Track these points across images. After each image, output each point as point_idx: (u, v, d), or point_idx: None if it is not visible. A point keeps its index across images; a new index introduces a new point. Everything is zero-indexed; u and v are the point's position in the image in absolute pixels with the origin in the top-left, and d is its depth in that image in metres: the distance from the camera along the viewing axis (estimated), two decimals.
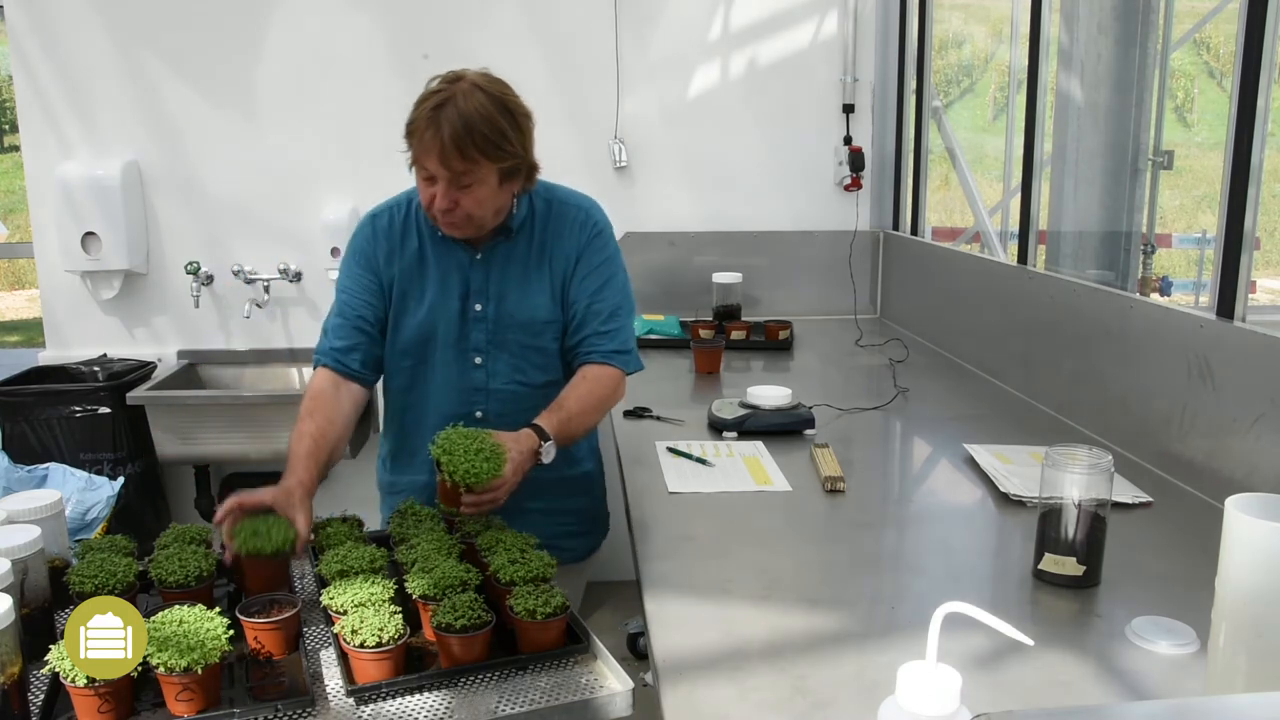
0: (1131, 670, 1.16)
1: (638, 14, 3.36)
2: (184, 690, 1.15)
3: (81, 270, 3.29)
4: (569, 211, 1.86)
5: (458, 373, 1.83)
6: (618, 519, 1.93)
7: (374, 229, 1.86)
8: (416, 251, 1.83)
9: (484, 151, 1.64)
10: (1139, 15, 2.88)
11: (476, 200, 1.69)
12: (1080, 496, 1.32)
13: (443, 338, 1.82)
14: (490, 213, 1.74)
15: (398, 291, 1.83)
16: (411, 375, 1.85)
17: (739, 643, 1.23)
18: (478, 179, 1.67)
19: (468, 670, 1.27)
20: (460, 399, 1.83)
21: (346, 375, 1.79)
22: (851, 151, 3.43)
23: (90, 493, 2.11)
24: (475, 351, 1.82)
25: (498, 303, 1.82)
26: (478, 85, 1.68)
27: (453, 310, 1.82)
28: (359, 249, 1.86)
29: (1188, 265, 8.02)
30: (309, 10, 3.27)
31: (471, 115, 1.63)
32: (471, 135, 1.62)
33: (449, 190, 1.67)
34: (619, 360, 1.84)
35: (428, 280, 1.82)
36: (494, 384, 1.83)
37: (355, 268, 1.85)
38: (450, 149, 1.62)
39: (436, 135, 1.62)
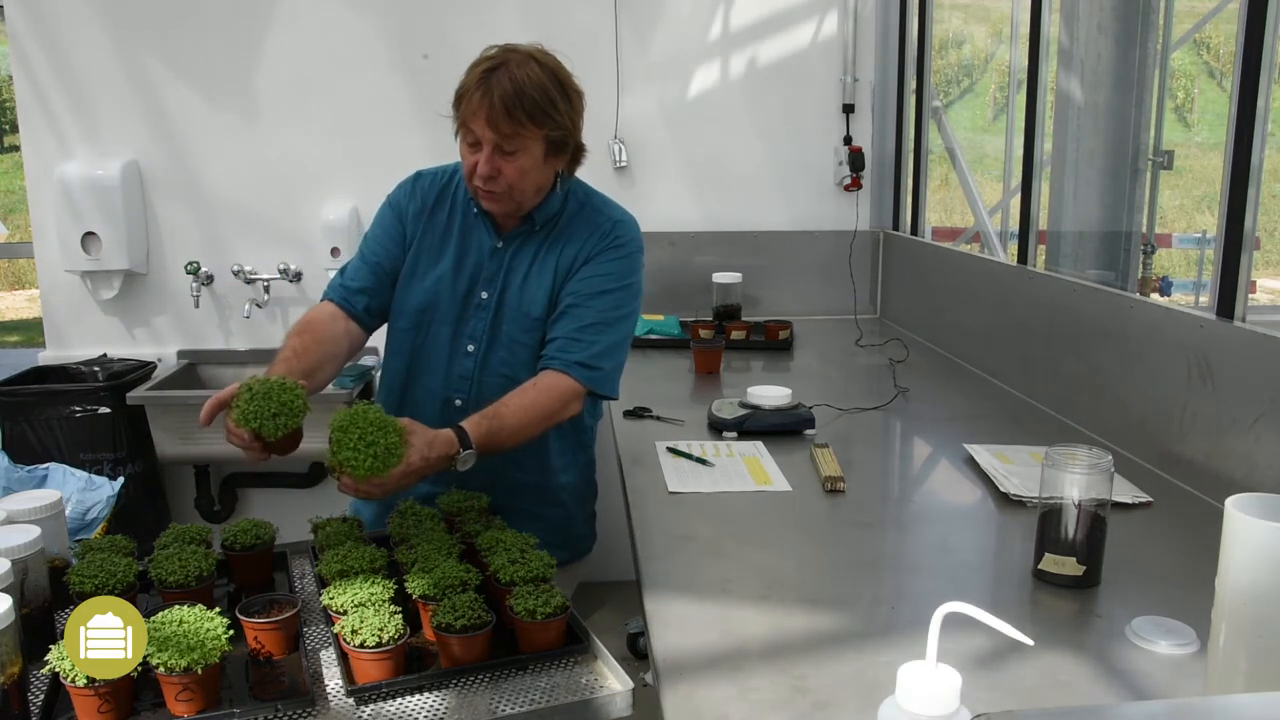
0: (1131, 670, 1.16)
1: (638, 14, 3.36)
2: (184, 690, 1.15)
3: (81, 270, 3.29)
4: (597, 218, 1.83)
5: (448, 356, 1.82)
6: (612, 528, 1.93)
7: (415, 185, 1.88)
8: (445, 221, 1.84)
9: (532, 117, 1.63)
10: (1139, 15, 2.88)
11: (519, 170, 1.68)
12: (1080, 496, 1.32)
13: (442, 314, 1.81)
14: (531, 188, 1.73)
15: (414, 251, 1.83)
16: (404, 340, 1.83)
17: (739, 643, 1.23)
18: (522, 146, 1.66)
19: (468, 670, 1.27)
20: (446, 382, 1.82)
21: (349, 314, 1.80)
22: (851, 151, 3.43)
23: (90, 493, 2.10)
24: (470, 339, 1.81)
25: (503, 294, 1.80)
26: (532, 55, 1.68)
27: (460, 291, 1.81)
28: (395, 199, 1.88)
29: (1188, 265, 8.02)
30: (309, 10, 3.27)
31: (523, 80, 1.63)
32: (521, 99, 1.62)
33: (493, 156, 1.66)
34: (581, 373, 1.73)
35: (446, 253, 1.82)
36: (482, 374, 1.81)
37: (387, 214, 1.87)
38: (499, 110, 1.61)
39: (486, 97, 1.62)
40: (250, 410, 1.44)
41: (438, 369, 1.82)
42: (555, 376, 1.73)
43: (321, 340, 1.73)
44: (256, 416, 1.43)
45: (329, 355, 1.73)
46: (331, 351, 1.74)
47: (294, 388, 1.46)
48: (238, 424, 1.45)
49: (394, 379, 1.88)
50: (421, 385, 1.83)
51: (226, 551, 1.49)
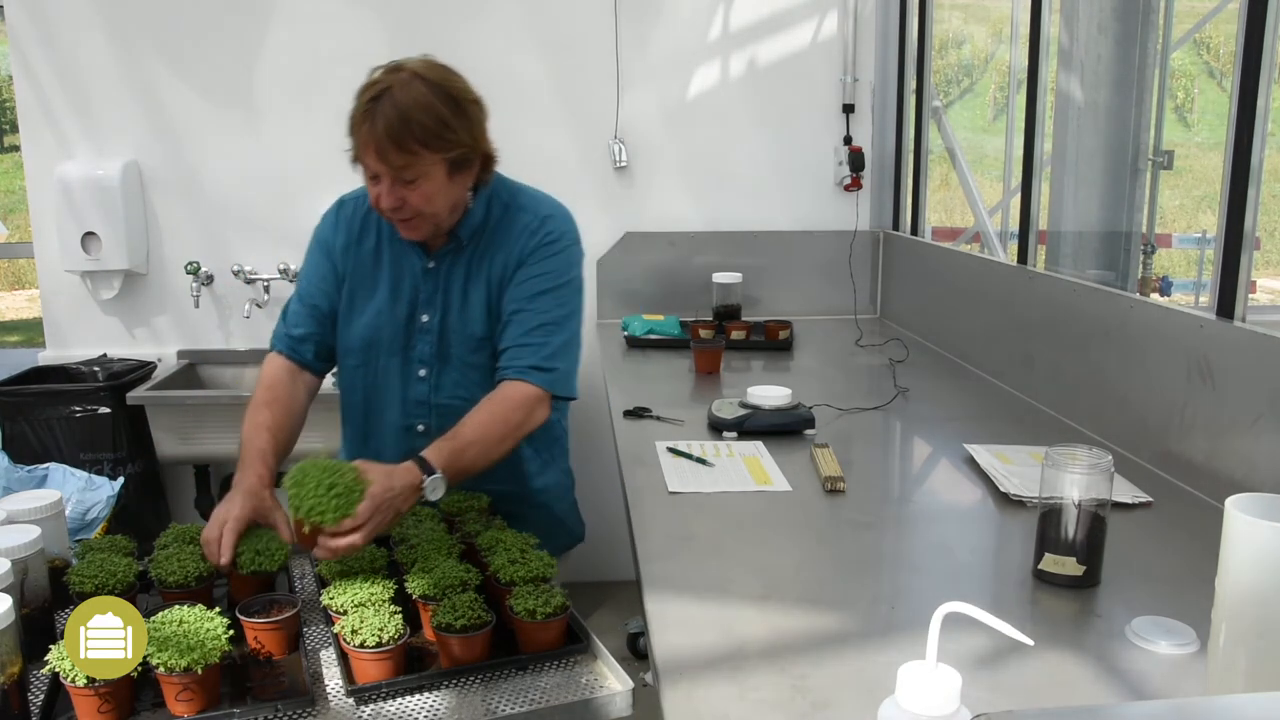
0: (1131, 670, 1.16)
1: (638, 14, 3.35)
2: (184, 690, 1.15)
3: (81, 270, 3.29)
4: (523, 218, 1.75)
5: (402, 383, 1.78)
6: (612, 528, 1.93)
7: (337, 217, 1.83)
8: (373, 250, 1.78)
9: (424, 142, 1.56)
10: (1139, 15, 2.88)
11: (424, 196, 1.61)
12: (1080, 496, 1.32)
13: (388, 344, 1.76)
14: (444, 209, 1.66)
15: (348, 288, 1.78)
16: (355, 377, 1.81)
17: (739, 643, 1.23)
18: (421, 173, 1.58)
19: (468, 670, 1.27)
20: (404, 410, 1.79)
21: (300, 364, 1.77)
22: (851, 151, 3.43)
23: (90, 493, 2.10)
24: (420, 363, 1.77)
25: (444, 315, 1.75)
26: (418, 74, 1.58)
27: (400, 317, 1.76)
28: (321, 235, 1.83)
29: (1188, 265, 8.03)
30: (309, 10, 3.27)
31: (409, 105, 1.54)
32: (409, 126, 1.54)
33: (393, 187, 1.59)
34: (538, 377, 1.68)
35: (379, 282, 1.77)
36: (437, 398, 1.77)
37: (316, 253, 1.82)
38: (387, 142, 1.54)
39: (373, 130, 1.54)
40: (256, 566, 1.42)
41: (394, 399, 1.79)
42: (512, 386, 1.67)
43: (291, 412, 1.71)
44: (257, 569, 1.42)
45: (298, 425, 1.72)
46: (300, 417, 1.74)
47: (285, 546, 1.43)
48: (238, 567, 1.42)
49: (353, 414, 1.85)
50: (381, 418, 1.80)
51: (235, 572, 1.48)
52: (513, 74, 3.34)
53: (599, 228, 3.43)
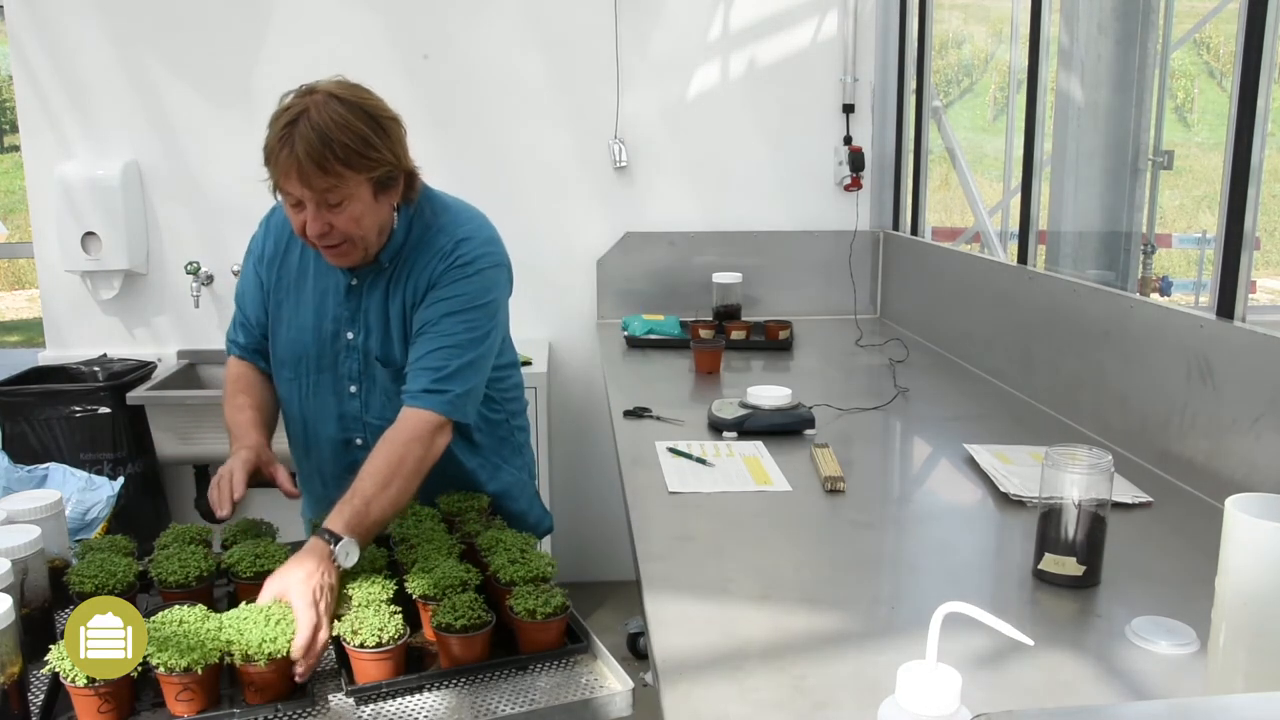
0: (1131, 670, 1.16)
1: (638, 14, 3.35)
2: (184, 690, 1.15)
3: (81, 270, 3.29)
4: (438, 240, 1.67)
5: (335, 399, 1.76)
6: (612, 528, 1.93)
7: (268, 224, 1.82)
8: (298, 264, 1.75)
9: (347, 163, 1.49)
10: (1139, 15, 2.88)
11: (352, 219, 1.54)
12: (1080, 496, 1.32)
13: (316, 360, 1.74)
14: (372, 231, 1.59)
15: (274, 299, 1.77)
16: (290, 389, 1.79)
17: (739, 643, 1.23)
18: (347, 195, 1.52)
19: (468, 670, 1.27)
20: (340, 425, 1.77)
21: (256, 367, 1.83)
22: (851, 151, 3.43)
23: (90, 493, 2.10)
24: (350, 380, 1.74)
25: (366, 336, 1.71)
26: (333, 94, 1.53)
27: (326, 334, 1.73)
28: (252, 244, 1.82)
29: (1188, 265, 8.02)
30: (309, 10, 3.27)
31: (327, 125, 1.48)
32: (330, 147, 1.47)
33: (319, 213, 1.52)
34: (431, 400, 1.58)
35: (304, 296, 1.74)
36: (369, 416, 1.74)
37: (247, 263, 1.82)
38: (309, 165, 1.47)
39: (292, 154, 1.48)
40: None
41: (329, 414, 1.77)
42: (408, 415, 1.58)
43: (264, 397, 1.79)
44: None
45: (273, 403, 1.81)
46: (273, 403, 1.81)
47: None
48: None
49: (293, 426, 1.84)
50: (318, 432, 1.78)
51: (232, 578, 1.47)
52: (513, 74, 3.34)
53: (599, 228, 3.43)
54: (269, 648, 1.17)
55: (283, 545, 1.50)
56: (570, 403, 3.52)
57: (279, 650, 1.18)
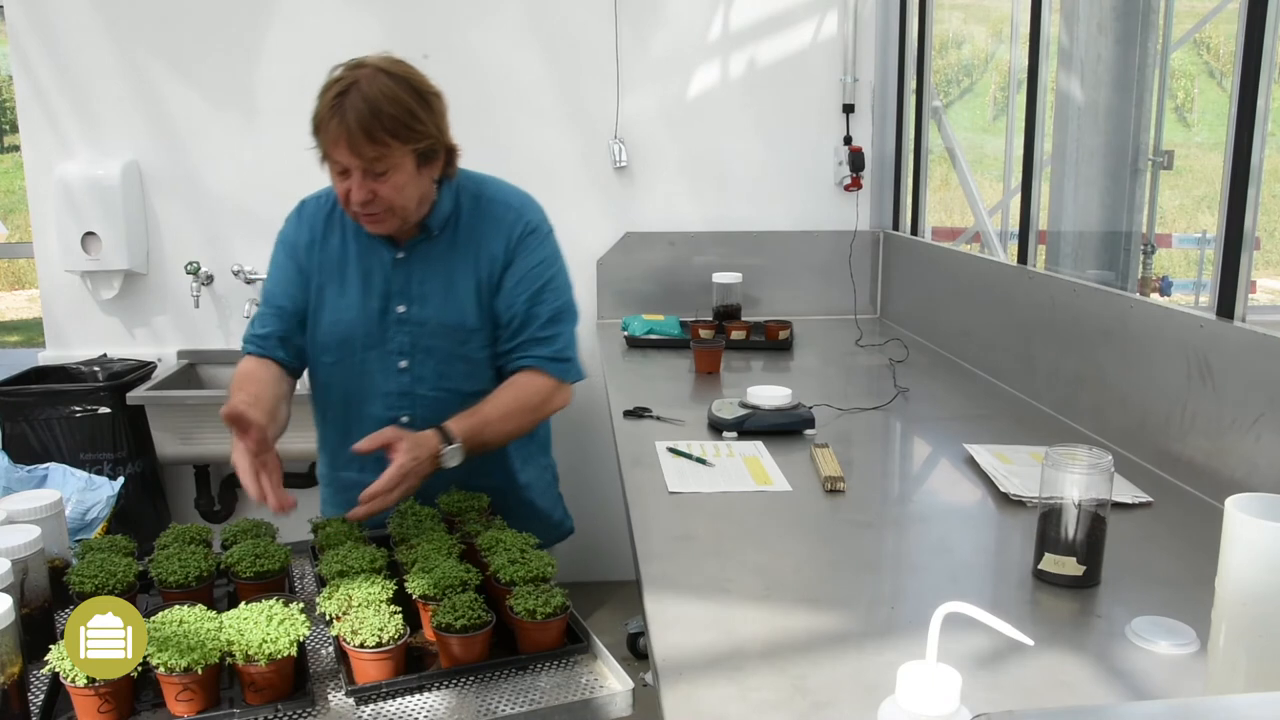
0: (1131, 670, 1.16)
1: (638, 14, 3.36)
2: (184, 690, 1.15)
3: (81, 270, 3.29)
4: (497, 210, 1.79)
5: (382, 377, 1.78)
6: (612, 528, 1.93)
7: (300, 216, 1.85)
8: (339, 247, 1.79)
9: (394, 133, 1.59)
10: (1139, 15, 2.88)
11: (395, 188, 1.63)
12: (1080, 496, 1.32)
13: (363, 339, 1.77)
14: (412, 202, 1.68)
15: (315, 284, 1.79)
16: (332, 374, 1.81)
17: (739, 643, 1.23)
18: (392, 164, 1.61)
19: (468, 670, 1.27)
20: (386, 403, 1.79)
21: (273, 361, 1.79)
22: (851, 151, 3.43)
23: (90, 493, 2.10)
24: (400, 355, 1.77)
25: (421, 305, 1.76)
26: (381, 69, 1.62)
27: (373, 311, 1.77)
28: (285, 235, 1.85)
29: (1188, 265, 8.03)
30: (309, 10, 3.27)
31: (376, 98, 1.57)
32: (379, 118, 1.57)
33: (364, 181, 1.62)
34: (555, 368, 1.78)
35: (348, 277, 1.78)
36: (420, 389, 1.78)
37: (280, 254, 1.84)
38: (358, 134, 1.56)
39: (342, 123, 1.56)
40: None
41: (375, 393, 1.79)
42: (530, 375, 1.76)
43: (265, 390, 1.70)
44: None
45: (277, 402, 1.72)
46: (276, 397, 1.72)
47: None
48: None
49: (332, 411, 1.85)
50: (362, 411, 1.80)
51: (232, 578, 1.47)
52: (513, 74, 3.34)
53: (599, 228, 3.43)
54: (269, 648, 1.17)
55: (283, 545, 1.50)
56: (570, 403, 3.51)
57: (279, 651, 1.18)
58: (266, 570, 1.43)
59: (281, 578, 1.47)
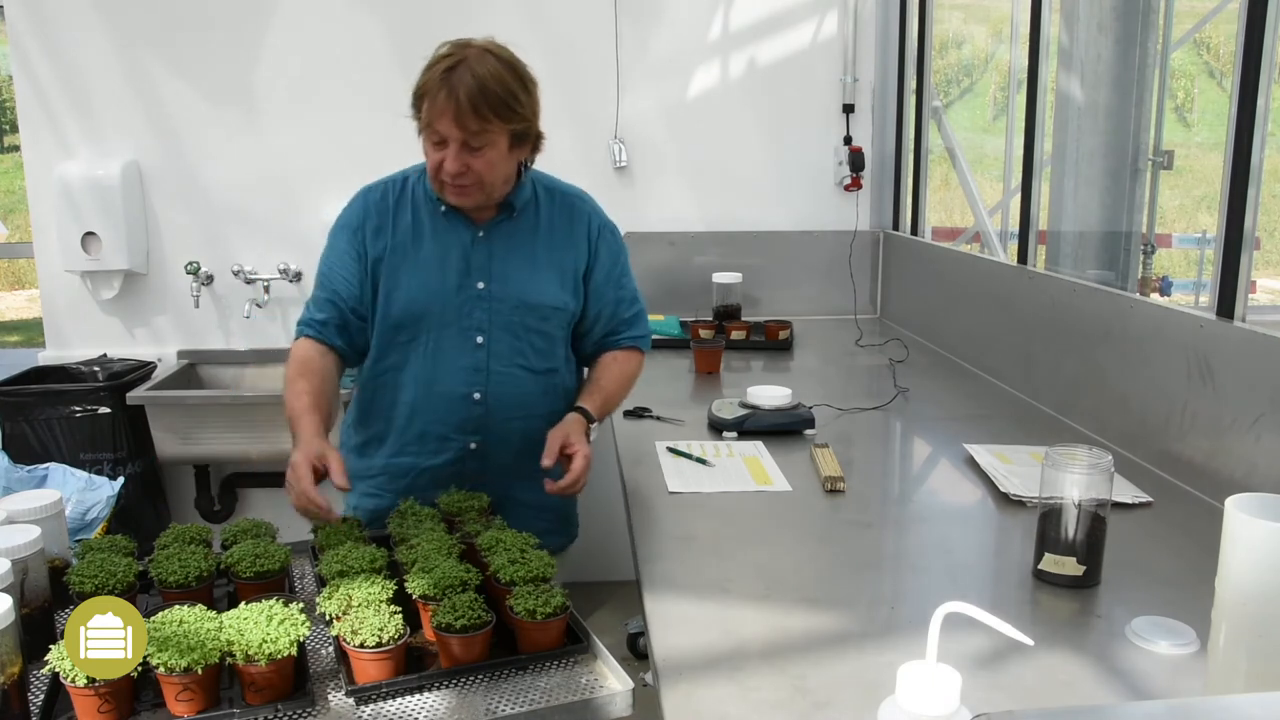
0: (1131, 670, 1.16)
1: (638, 14, 3.36)
2: (184, 690, 1.15)
3: (81, 270, 3.29)
4: (573, 202, 1.90)
5: (458, 352, 1.81)
6: (612, 528, 1.94)
7: (365, 202, 1.86)
8: (410, 226, 1.83)
9: (497, 112, 1.65)
10: (1139, 15, 2.88)
11: (488, 163, 1.70)
12: (1080, 496, 1.32)
13: (439, 315, 1.81)
14: (500, 179, 1.75)
15: (387, 266, 1.82)
16: (408, 351, 1.83)
17: (739, 643, 1.23)
18: (489, 141, 1.68)
19: (468, 670, 1.27)
20: (460, 379, 1.82)
21: (328, 346, 1.80)
22: (851, 151, 3.43)
23: (90, 493, 2.10)
24: (477, 330, 1.81)
25: (502, 282, 1.81)
26: (488, 50, 1.70)
27: (450, 287, 1.80)
28: (346, 222, 1.86)
29: (1188, 265, 8.02)
30: (309, 10, 3.27)
31: (485, 76, 1.64)
32: (486, 95, 1.63)
33: (460, 153, 1.68)
34: (643, 343, 1.98)
35: (423, 254, 1.81)
36: (495, 365, 1.82)
37: (340, 241, 1.85)
38: (466, 108, 1.63)
39: (451, 96, 1.63)
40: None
41: (452, 367, 1.82)
42: (628, 353, 1.95)
43: (325, 380, 1.77)
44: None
45: (334, 396, 1.79)
46: (334, 388, 1.80)
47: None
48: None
49: (404, 393, 1.85)
50: (439, 387, 1.82)
51: (232, 578, 1.47)
52: None
53: None
54: (269, 648, 1.17)
55: (283, 545, 1.50)
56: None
57: (280, 651, 1.18)
58: (266, 570, 1.43)
59: (281, 578, 1.47)
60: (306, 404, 1.68)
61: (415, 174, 1.86)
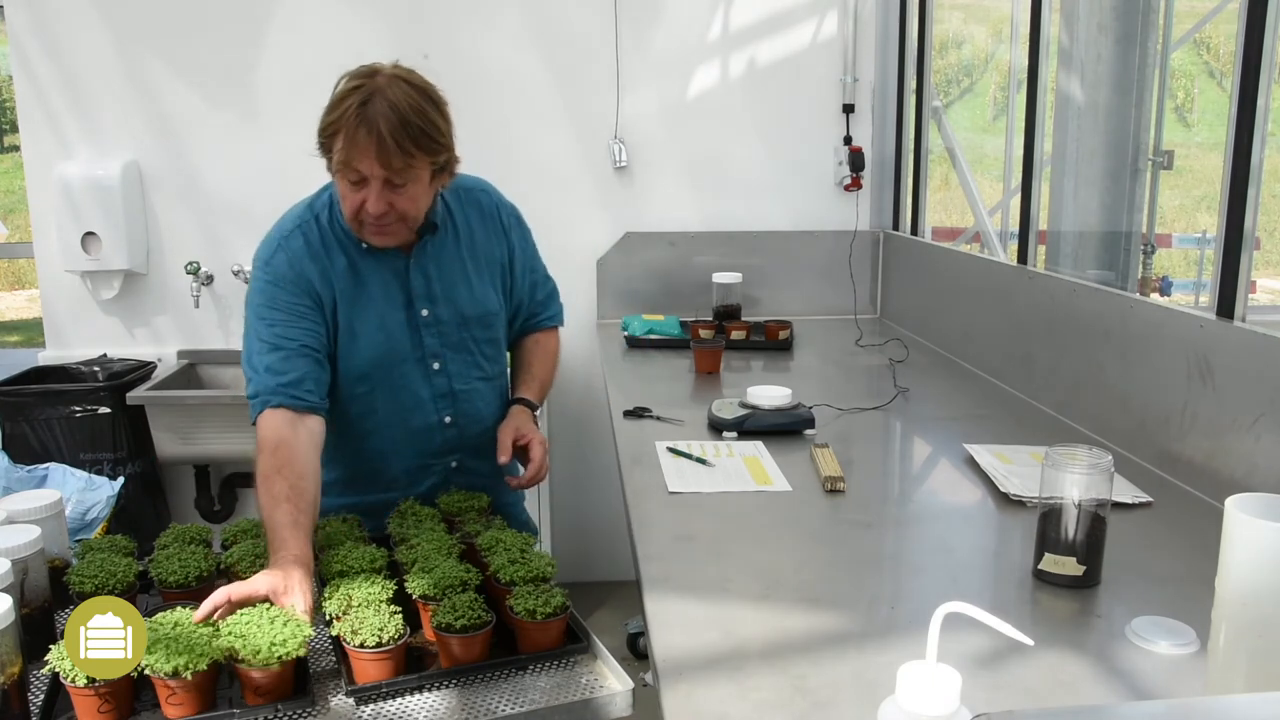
0: (1131, 670, 1.16)
1: (638, 14, 3.35)
2: (173, 694, 1.15)
3: (81, 270, 3.29)
4: (479, 197, 1.85)
5: (420, 384, 1.76)
6: (612, 528, 1.94)
7: (291, 253, 1.68)
8: (347, 269, 1.70)
9: (420, 145, 1.54)
10: (1139, 15, 2.88)
11: (411, 200, 1.60)
12: (1080, 496, 1.32)
13: (399, 352, 1.74)
14: (422, 212, 1.66)
15: (343, 315, 1.69)
16: (372, 399, 1.74)
17: (739, 643, 1.23)
18: (413, 177, 1.57)
19: (468, 670, 1.27)
20: (429, 409, 1.77)
21: (303, 409, 1.59)
22: (851, 151, 3.43)
23: (90, 493, 2.10)
24: (433, 358, 1.76)
25: (445, 303, 1.75)
26: (398, 76, 1.57)
27: (399, 322, 1.73)
28: (281, 276, 1.66)
29: (1188, 265, 8.02)
30: (309, 10, 3.27)
31: (404, 108, 1.52)
32: (408, 129, 1.52)
33: (383, 192, 1.56)
34: (559, 319, 2.03)
35: (369, 296, 1.71)
36: (457, 385, 1.79)
37: (283, 296, 1.65)
38: (390, 145, 1.51)
39: (371, 133, 1.50)
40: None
41: (419, 400, 1.77)
42: (548, 333, 2.00)
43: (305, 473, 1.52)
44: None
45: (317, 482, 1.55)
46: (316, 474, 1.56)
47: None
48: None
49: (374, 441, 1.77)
50: (411, 424, 1.77)
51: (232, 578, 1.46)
52: (513, 74, 3.34)
53: (599, 228, 3.43)
54: (279, 650, 1.17)
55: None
56: (570, 403, 3.52)
57: (289, 652, 1.17)
58: None
59: None
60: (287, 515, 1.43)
61: (322, 210, 1.71)
